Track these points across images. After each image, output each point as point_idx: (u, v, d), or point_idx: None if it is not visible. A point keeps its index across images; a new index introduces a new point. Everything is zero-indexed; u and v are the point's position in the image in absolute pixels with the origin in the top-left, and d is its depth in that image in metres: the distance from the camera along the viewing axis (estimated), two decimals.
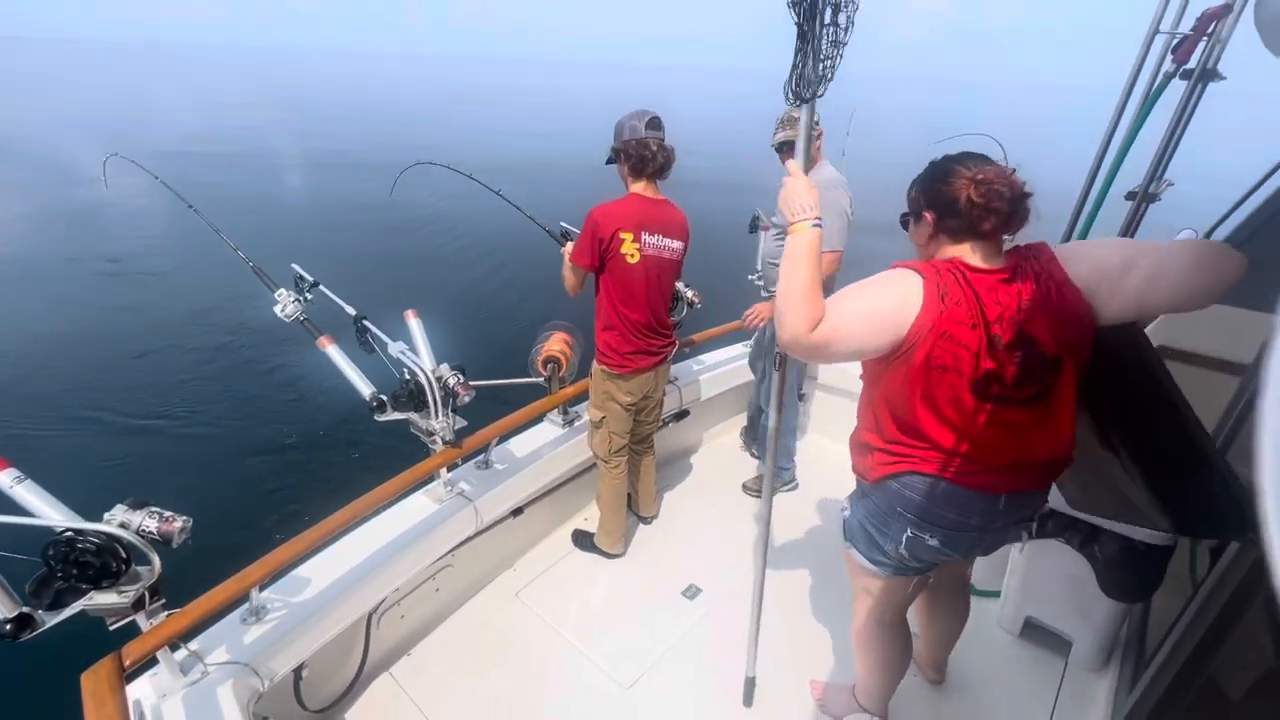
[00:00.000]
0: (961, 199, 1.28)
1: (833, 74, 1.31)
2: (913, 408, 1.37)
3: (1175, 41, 1.74)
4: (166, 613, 1.51)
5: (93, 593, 1.38)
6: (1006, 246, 1.36)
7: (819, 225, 1.33)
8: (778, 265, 2.79)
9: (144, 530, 1.42)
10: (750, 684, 2.06)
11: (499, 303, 7.95)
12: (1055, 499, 2.10)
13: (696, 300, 2.72)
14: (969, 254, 1.33)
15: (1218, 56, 1.74)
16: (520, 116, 35.18)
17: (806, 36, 1.30)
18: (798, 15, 1.29)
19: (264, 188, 13.93)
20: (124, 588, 1.42)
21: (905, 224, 1.46)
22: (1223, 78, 1.76)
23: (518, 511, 2.58)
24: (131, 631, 1.46)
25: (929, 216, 1.36)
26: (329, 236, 10.38)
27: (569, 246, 2.34)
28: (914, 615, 1.97)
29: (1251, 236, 2.14)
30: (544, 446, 2.69)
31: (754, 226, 2.95)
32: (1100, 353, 1.35)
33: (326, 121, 28.72)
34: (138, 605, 1.44)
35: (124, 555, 1.39)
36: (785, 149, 2.56)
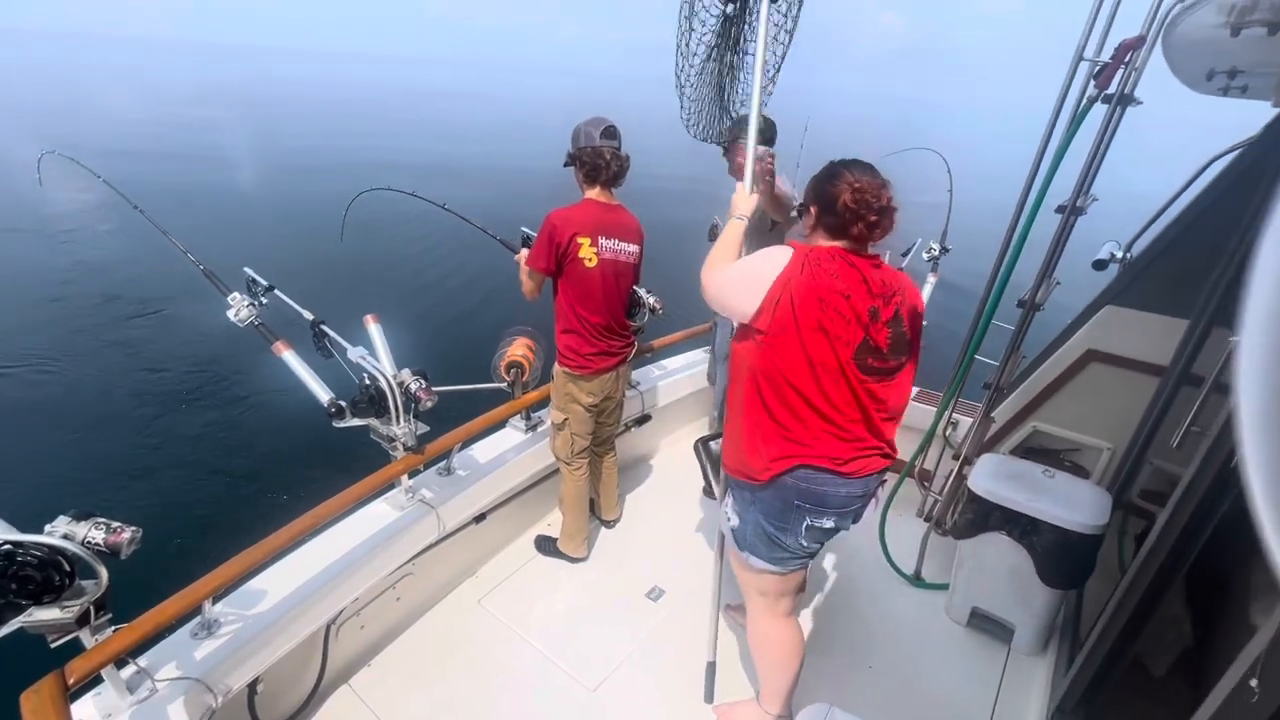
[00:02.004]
0: (839, 201, 1.51)
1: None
2: (799, 380, 1.50)
3: (1097, 69, 1.89)
4: (113, 628, 1.45)
5: (33, 608, 1.32)
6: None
7: (743, 220, 1.79)
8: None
9: (90, 542, 1.37)
10: (710, 670, 2.10)
11: (460, 309, 7.86)
12: (1001, 496, 2.23)
13: (659, 307, 2.77)
14: (847, 247, 1.55)
15: (1135, 83, 1.89)
16: (489, 121, 34.81)
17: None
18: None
19: (214, 191, 13.39)
20: (67, 602, 1.36)
21: (800, 213, 1.67)
22: (1139, 102, 1.92)
23: (480, 518, 2.57)
24: (75, 648, 1.40)
25: (813, 209, 1.59)
26: (284, 242, 10.06)
27: (524, 253, 2.35)
28: None
29: (1167, 249, 2.33)
30: (507, 452, 2.69)
31: (713, 235, 3.03)
32: None
33: (281, 123, 27.84)
34: (82, 621, 1.38)
35: (68, 568, 1.34)
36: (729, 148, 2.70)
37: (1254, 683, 0.89)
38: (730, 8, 1.84)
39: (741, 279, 1.56)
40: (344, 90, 53.45)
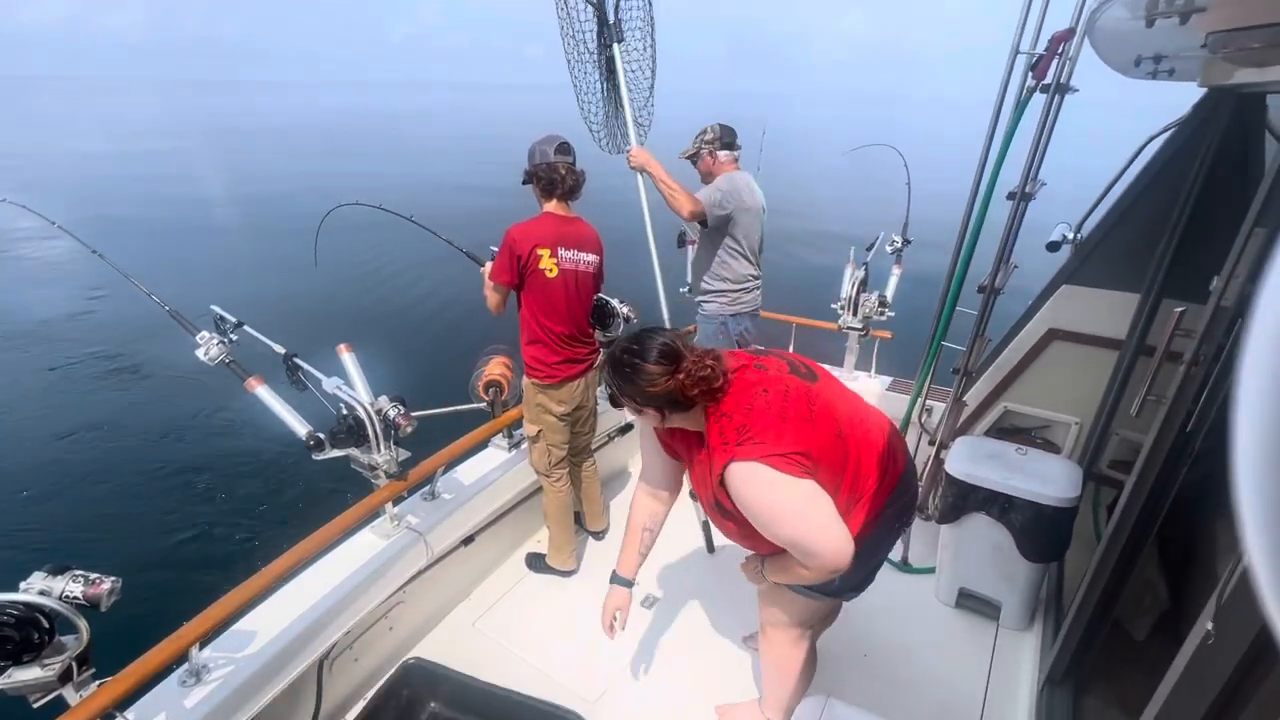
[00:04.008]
0: (683, 390, 1.37)
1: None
2: (858, 453, 1.45)
3: (1033, 60, 1.98)
4: (97, 683, 1.42)
5: (12, 669, 1.29)
6: None
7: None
8: (704, 277, 2.93)
9: (68, 596, 1.34)
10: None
11: (434, 331, 7.81)
12: (978, 477, 2.29)
13: (632, 315, 2.80)
14: (719, 394, 1.41)
15: (1069, 72, 1.98)
16: (456, 141, 34.72)
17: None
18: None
19: (178, 228, 13.16)
20: (48, 660, 1.33)
21: (627, 411, 1.53)
22: (1075, 90, 2.01)
23: (469, 540, 2.55)
24: (60, 706, 1.37)
25: (652, 411, 1.43)
26: (252, 276, 9.90)
27: (488, 267, 2.39)
28: None
29: (1113, 227, 2.43)
30: (491, 472, 2.68)
31: (681, 242, 3.09)
32: None
33: (244, 155, 27.49)
34: (64, 678, 1.35)
35: (47, 625, 1.31)
36: (696, 157, 2.93)
37: (1210, 625, 0.94)
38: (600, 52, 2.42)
39: (823, 504, 1.35)
40: (308, 116, 52.97)
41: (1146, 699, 1.21)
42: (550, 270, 2.29)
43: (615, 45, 2.36)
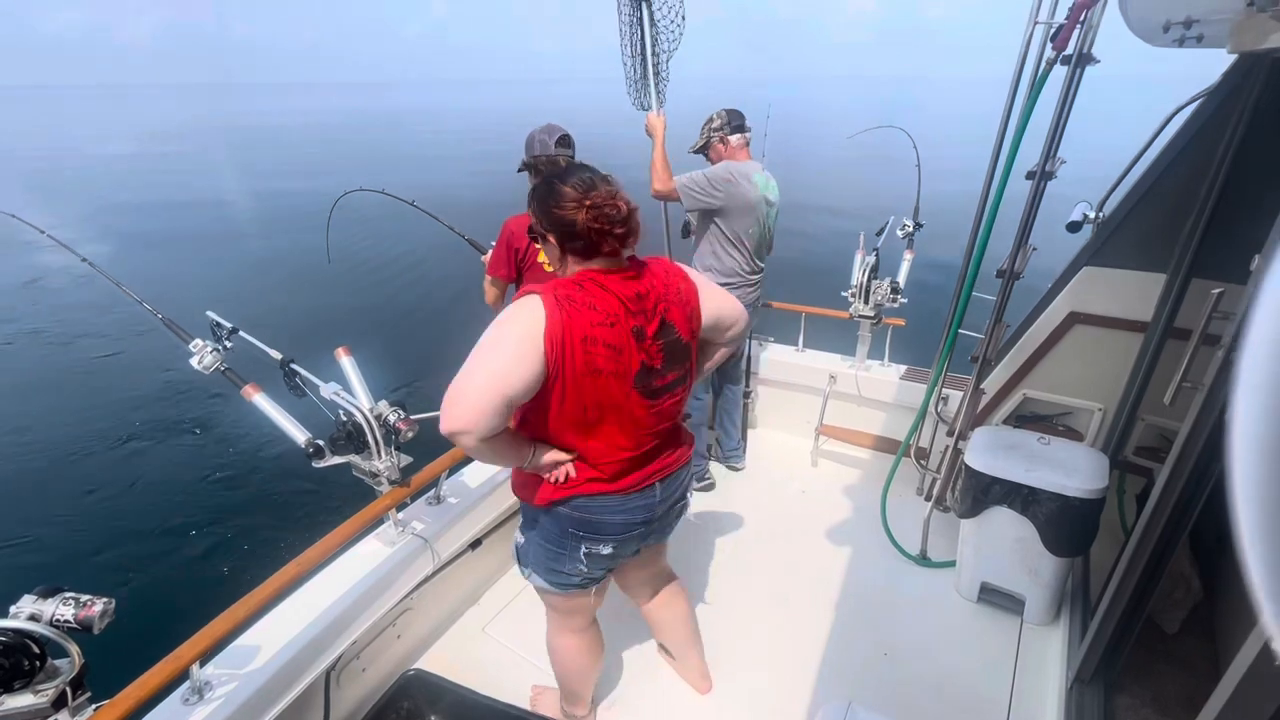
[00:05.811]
0: (579, 223, 1.31)
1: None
2: (576, 421, 1.39)
3: (1053, 30, 1.87)
4: (94, 706, 1.38)
5: (4, 697, 1.25)
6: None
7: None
8: (710, 266, 2.85)
9: (59, 620, 1.29)
10: None
11: (434, 331, 7.75)
12: (999, 469, 2.20)
13: None
14: (598, 266, 1.38)
15: (1091, 42, 1.88)
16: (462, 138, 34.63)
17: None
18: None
19: (174, 234, 13.11)
20: (40, 686, 1.28)
21: (534, 240, 1.48)
22: (1097, 61, 1.91)
23: (476, 544, 2.50)
24: None
25: (553, 239, 1.38)
26: (244, 281, 9.84)
27: (489, 255, 2.33)
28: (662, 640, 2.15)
29: (1138, 205, 2.33)
30: (498, 473, 2.62)
31: (685, 231, 3.01)
32: None
33: (251, 157, 27.56)
34: (59, 704, 1.30)
35: (37, 650, 1.27)
36: (708, 148, 2.82)
37: (1277, 645, 0.86)
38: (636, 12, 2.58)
39: (511, 356, 1.27)
40: (316, 118, 52.93)
41: (1182, 698, 1.14)
42: (549, 264, 2.23)
43: (644, 5, 2.53)
